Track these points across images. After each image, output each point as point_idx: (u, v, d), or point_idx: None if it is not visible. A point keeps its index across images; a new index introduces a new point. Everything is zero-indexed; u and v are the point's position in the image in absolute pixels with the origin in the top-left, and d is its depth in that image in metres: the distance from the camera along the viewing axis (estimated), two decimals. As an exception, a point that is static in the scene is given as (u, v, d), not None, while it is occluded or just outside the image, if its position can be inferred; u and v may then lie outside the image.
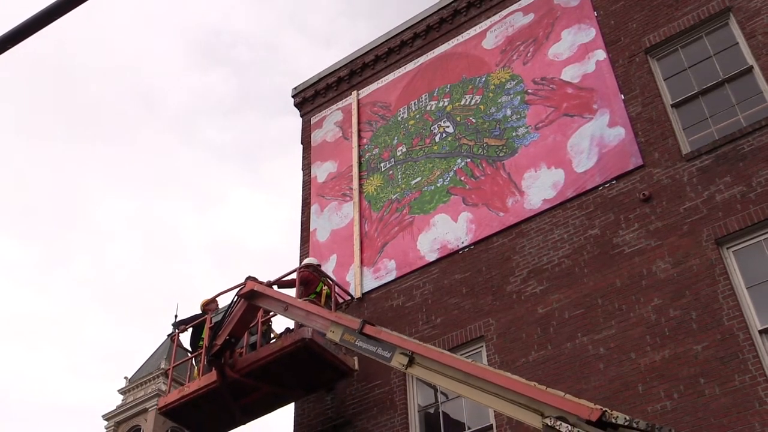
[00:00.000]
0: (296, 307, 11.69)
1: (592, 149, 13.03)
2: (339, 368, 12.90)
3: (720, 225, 11.12)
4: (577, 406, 6.93)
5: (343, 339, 10.38)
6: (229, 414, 13.37)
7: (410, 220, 14.64)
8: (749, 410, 9.59)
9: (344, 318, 10.77)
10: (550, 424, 7.05)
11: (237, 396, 12.93)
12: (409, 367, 9.15)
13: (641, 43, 13.55)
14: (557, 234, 12.65)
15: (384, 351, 9.57)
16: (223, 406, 13.12)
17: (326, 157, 17.02)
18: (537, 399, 7.34)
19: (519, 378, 7.82)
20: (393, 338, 9.60)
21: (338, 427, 13.04)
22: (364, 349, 9.96)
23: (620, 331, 11.15)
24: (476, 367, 8.32)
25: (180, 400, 13.16)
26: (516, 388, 7.61)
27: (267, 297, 12.19)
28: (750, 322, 10.27)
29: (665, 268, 11.26)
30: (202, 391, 12.85)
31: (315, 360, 12.55)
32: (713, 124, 12.26)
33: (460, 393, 8.61)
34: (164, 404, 13.45)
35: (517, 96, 14.63)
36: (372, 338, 9.86)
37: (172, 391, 13.56)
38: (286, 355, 12.39)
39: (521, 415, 7.54)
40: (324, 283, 13.61)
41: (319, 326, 11.08)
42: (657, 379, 10.43)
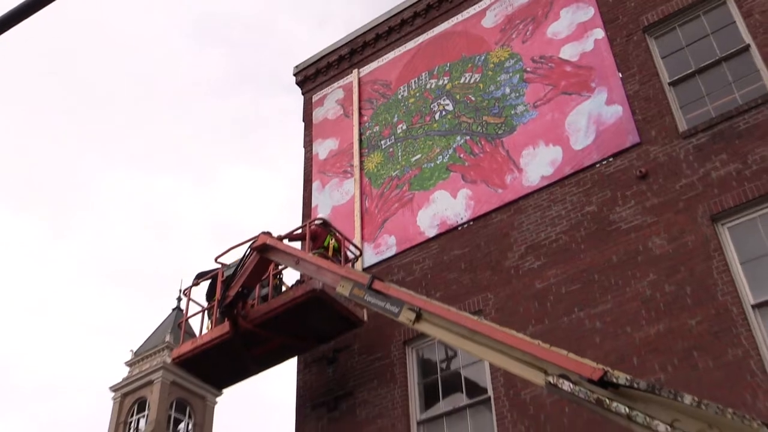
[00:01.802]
0: (307, 261, 11.82)
1: (590, 127, 13.06)
2: (349, 319, 13.06)
3: (715, 202, 11.17)
4: (579, 365, 6.96)
5: (353, 293, 10.47)
6: (241, 364, 13.56)
7: (410, 196, 14.68)
8: (741, 383, 9.69)
9: (354, 273, 10.87)
10: (552, 382, 7.09)
11: (249, 346, 13.05)
12: (416, 323, 9.20)
13: (639, 22, 13.54)
14: (555, 210, 12.70)
15: (392, 306, 9.63)
16: (235, 356, 13.26)
17: (327, 135, 17.03)
18: (541, 357, 7.35)
19: (523, 336, 7.83)
20: (401, 294, 9.64)
21: (339, 399, 13.13)
22: (373, 304, 10.04)
23: (616, 305, 11.22)
24: (481, 324, 8.34)
25: (193, 351, 13.26)
26: (520, 345, 7.63)
27: (279, 251, 12.33)
28: (743, 297, 10.34)
29: (661, 244, 11.32)
30: (214, 342, 12.97)
31: (325, 311, 12.67)
32: (710, 102, 12.28)
33: (465, 349, 8.65)
34: (177, 355, 13.55)
35: (516, 74, 14.63)
36: (380, 293, 9.92)
37: (185, 342, 13.65)
38: (297, 305, 12.51)
39: (525, 372, 7.56)
40: (332, 237, 13.67)
41: (329, 280, 11.22)
42: (652, 352, 10.51)
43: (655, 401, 6.33)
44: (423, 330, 9.31)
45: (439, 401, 12.36)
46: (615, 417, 6.55)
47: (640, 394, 6.44)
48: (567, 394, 6.96)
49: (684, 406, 6.11)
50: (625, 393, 6.55)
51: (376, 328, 13.40)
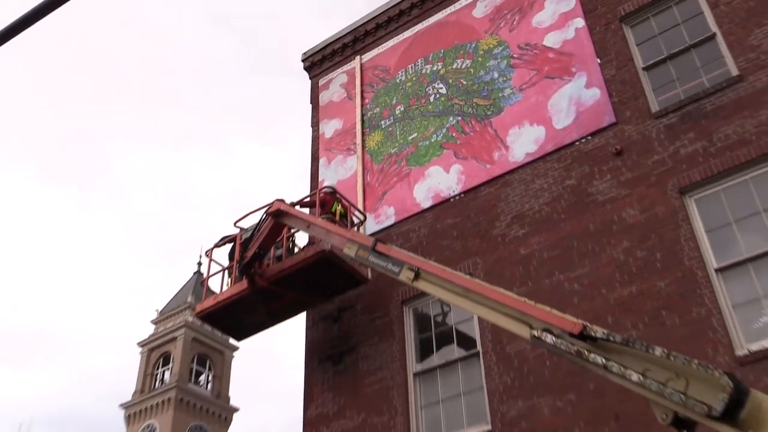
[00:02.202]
0: (317, 226, 11.90)
1: (570, 108, 13.01)
2: (355, 277, 13.17)
3: (683, 176, 11.15)
4: (561, 320, 6.96)
5: (358, 254, 10.49)
6: (258, 318, 13.67)
7: (407, 171, 14.66)
8: (704, 338, 9.74)
9: (359, 236, 10.93)
10: (536, 335, 7.08)
11: (265, 302, 13.16)
12: (414, 281, 9.18)
13: (616, 12, 13.46)
14: (538, 184, 12.68)
15: (393, 266, 9.62)
16: (252, 311, 13.38)
17: (332, 116, 16.99)
18: (526, 312, 7.33)
19: (511, 293, 7.82)
20: (401, 255, 9.65)
21: (344, 354, 13.19)
22: (376, 264, 10.05)
23: (593, 269, 11.25)
24: (474, 283, 8.32)
25: (215, 306, 13.37)
26: (509, 302, 7.61)
27: (291, 216, 12.42)
28: (707, 261, 10.36)
29: (634, 214, 11.32)
30: (234, 298, 13.09)
31: (333, 270, 12.79)
32: (680, 85, 12.24)
33: (459, 305, 8.62)
34: (201, 310, 13.67)
35: (504, 60, 14.56)
36: (383, 255, 9.91)
37: (207, 298, 13.73)
38: (308, 265, 12.60)
39: (512, 326, 7.53)
40: (339, 204, 13.72)
41: (336, 242, 11.24)
42: (625, 312, 10.55)
43: (629, 353, 6.33)
44: (421, 288, 9.27)
45: (433, 355, 12.41)
46: (593, 367, 6.56)
47: (616, 347, 6.45)
48: (550, 346, 6.96)
49: (654, 357, 6.11)
50: (602, 345, 6.56)
51: (377, 289, 13.44)
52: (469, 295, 8.27)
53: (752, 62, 11.46)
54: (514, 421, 10.76)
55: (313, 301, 13.69)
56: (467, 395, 11.65)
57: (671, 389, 5.87)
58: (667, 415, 5.93)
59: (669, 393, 5.86)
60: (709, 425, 5.64)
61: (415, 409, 11.98)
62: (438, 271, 8.92)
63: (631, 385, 6.19)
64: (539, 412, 10.60)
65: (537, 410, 10.64)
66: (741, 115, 11.11)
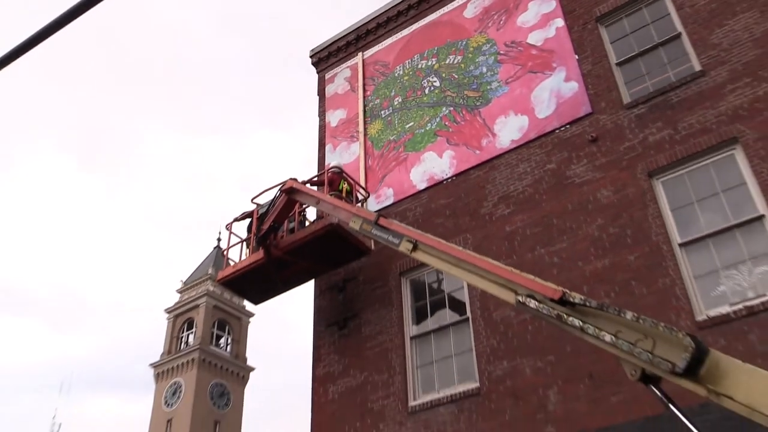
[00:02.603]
0: (326, 202, 11.95)
1: (551, 100, 13.01)
2: (359, 248, 13.24)
3: (651, 161, 11.18)
4: (543, 287, 6.99)
5: (362, 228, 10.50)
6: (272, 284, 13.75)
7: (405, 156, 14.67)
8: (668, 305, 9.81)
9: (363, 211, 10.93)
10: (521, 300, 7.11)
11: (279, 269, 13.26)
12: (413, 252, 9.18)
13: (593, 13, 13.41)
14: (522, 168, 12.70)
15: (393, 238, 9.63)
16: (267, 278, 13.46)
17: (337, 106, 16.97)
18: (513, 280, 7.33)
19: (499, 263, 7.83)
20: (401, 228, 9.65)
21: (348, 319, 13.27)
22: (378, 236, 10.05)
23: (570, 244, 11.30)
24: (465, 253, 8.31)
25: (234, 273, 13.46)
26: (496, 270, 7.61)
27: (303, 193, 12.46)
28: (672, 237, 10.41)
29: (607, 195, 11.35)
30: (251, 266, 13.18)
31: (340, 241, 12.86)
32: (649, 79, 12.22)
33: (452, 274, 8.58)
34: (222, 277, 13.76)
35: (491, 56, 14.52)
36: (384, 228, 9.93)
37: (227, 267, 13.81)
38: (318, 237, 12.68)
39: (499, 292, 7.54)
40: (345, 183, 13.78)
41: (343, 217, 11.26)
42: (598, 282, 10.61)
43: (603, 317, 6.38)
44: (418, 258, 9.24)
45: (428, 320, 12.48)
46: (570, 329, 6.60)
47: (591, 311, 6.49)
48: (533, 310, 6.99)
49: (625, 320, 6.16)
50: (579, 310, 6.59)
51: (377, 262, 13.49)
52: (461, 264, 8.28)
53: (713, 59, 11.45)
54: (499, 379, 10.85)
55: (321, 269, 13.74)
56: (458, 356, 11.72)
57: (640, 349, 5.94)
58: (636, 371, 6.00)
59: (638, 352, 5.93)
60: (673, 381, 5.72)
61: (411, 369, 12.07)
62: (434, 243, 8.93)
63: (605, 345, 6.25)
64: (522, 372, 10.69)
65: (520, 370, 10.73)
66: (703, 106, 11.11)
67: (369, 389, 12.22)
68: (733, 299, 9.53)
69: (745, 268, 9.68)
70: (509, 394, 10.62)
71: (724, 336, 9.09)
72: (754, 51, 11.11)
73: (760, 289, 9.40)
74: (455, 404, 11.07)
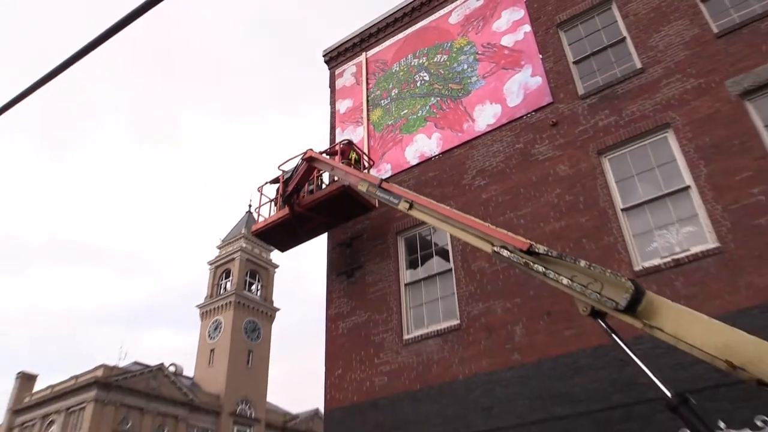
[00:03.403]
0: (339, 168, 11.92)
1: (520, 91, 12.91)
2: (366, 205, 13.27)
3: (600, 142, 11.14)
4: (514, 239, 7.01)
5: (368, 190, 10.51)
6: (296, 235, 13.81)
7: (400, 138, 14.60)
8: (612, 258, 9.87)
9: (369, 176, 10.91)
10: (496, 250, 7.14)
11: (301, 224, 13.33)
12: (409, 210, 9.19)
13: (554, 20, 13.25)
14: (495, 147, 12.66)
15: (394, 199, 9.63)
16: (292, 230, 13.54)
17: (345, 97, 16.84)
18: (489, 234, 7.37)
19: (479, 220, 7.85)
20: (400, 191, 9.65)
21: (355, 270, 13.33)
22: (381, 197, 10.03)
23: (534, 209, 11.31)
24: (451, 211, 8.31)
25: (265, 226, 13.53)
26: (476, 226, 7.63)
27: (320, 161, 12.49)
28: (616, 203, 10.43)
29: (565, 169, 11.33)
30: (279, 220, 13.27)
31: (350, 200, 12.89)
32: (599, 75, 12.12)
33: (441, 228, 8.57)
34: (255, 229, 13.82)
35: (471, 56, 14.38)
36: (386, 190, 9.94)
37: (259, 221, 13.91)
38: (333, 196, 12.75)
39: (479, 243, 7.56)
40: (354, 153, 13.78)
41: (353, 181, 11.28)
42: (557, 239, 10.65)
43: (562, 264, 6.43)
44: (414, 215, 9.22)
45: (419, 270, 12.55)
46: (535, 274, 6.64)
47: (552, 260, 6.53)
48: (505, 258, 7.02)
49: (580, 267, 6.21)
50: (543, 258, 6.64)
51: (378, 224, 13.51)
52: (447, 220, 8.29)
53: (651, 58, 11.36)
54: (476, 317, 10.95)
55: (335, 223, 13.76)
56: (443, 299, 11.81)
57: (590, 290, 6.00)
58: (587, 308, 6.08)
59: (589, 293, 5.99)
60: (616, 316, 5.80)
61: (405, 309, 12.17)
62: (426, 203, 8.94)
63: (562, 287, 6.30)
64: (494, 311, 10.79)
65: (492, 310, 10.82)
66: (643, 97, 11.05)
67: (371, 325, 12.33)
68: (663, 253, 9.58)
69: (674, 228, 9.72)
70: (484, 328, 10.72)
71: (655, 282, 9.16)
72: (684, 52, 11.02)
73: (685, 245, 9.46)
74: (441, 337, 11.18)
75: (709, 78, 10.49)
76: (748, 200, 9.07)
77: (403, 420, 10.77)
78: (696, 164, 9.83)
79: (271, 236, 13.92)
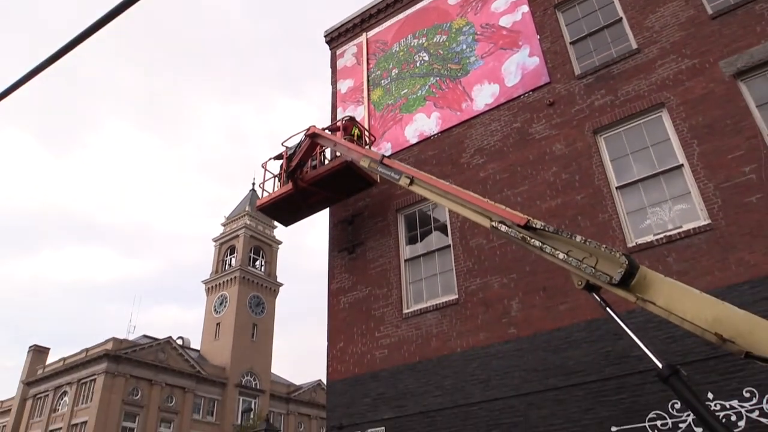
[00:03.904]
0: (341, 144, 11.89)
1: (517, 71, 12.81)
2: (368, 180, 13.21)
3: (596, 121, 11.08)
4: (512, 215, 6.99)
5: (370, 165, 10.47)
6: (299, 210, 13.80)
7: (400, 117, 14.52)
8: (606, 235, 9.87)
9: (371, 152, 10.88)
10: (494, 225, 7.12)
11: (304, 198, 13.32)
12: (410, 185, 9.12)
13: (552, 1, 13.10)
14: (493, 126, 12.59)
15: (395, 174, 9.56)
16: (295, 205, 13.52)
17: (346, 77, 16.71)
18: (488, 209, 7.33)
19: (477, 195, 7.79)
20: (401, 166, 9.59)
21: (356, 246, 13.34)
22: (383, 173, 9.97)
23: (531, 187, 11.29)
24: (451, 187, 8.25)
25: (270, 201, 13.53)
26: (475, 201, 7.59)
27: (323, 137, 12.45)
28: (611, 181, 10.40)
29: (561, 148, 11.29)
30: (283, 195, 13.27)
31: (352, 175, 12.84)
32: (595, 55, 12.02)
33: (440, 203, 8.49)
34: (260, 203, 13.80)
35: (470, 36, 14.24)
36: (387, 166, 9.88)
37: (264, 196, 13.87)
38: (335, 171, 12.71)
39: (477, 218, 7.51)
40: (356, 129, 13.71)
41: (355, 156, 11.22)
42: (553, 217, 10.64)
43: (558, 239, 6.42)
44: (414, 190, 9.13)
45: (418, 245, 12.57)
46: (532, 248, 6.64)
47: (549, 235, 6.53)
48: (503, 233, 7.01)
49: (575, 242, 6.21)
50: (540, 233, 6.63)
51: (378, 201, 13.50)
52: (447, 196, 8.23)
53: (647, 39, 11.25)
54: (473, 292, 10.99)
55: (338, 197, 13.71)
56: (441, 275, 11.84)
57: (586, 264, 6.01)
58: (582, 282, 6.09)
59: (584, 267, 6.00)
60: (610, 290, 5.82)
61: (405, 284, 12.21)
62: (426, 178, 8.87)
63: (559, 261, 6.30)
64: (491, 286, 10.82)
65: (489, 285, 10.86)
66: (638, 77, 10.97)
67: (372, 300, 12.38)
68: (656, 230, 9.59)
69: (667, 206, 9.71)
70: (481, 303, 10.77)
71: (648, 259, 9.18)
72: (679, 33, 10.91)
73: (677, 222, 9.46)
74: (439, 311, 11.24)
75: (703, 58, 10.40)
76: (739, 178, 9.06)
77: (402, 391, 10.88)
78: (689, 143, 9.79)
79: (275, 211, 13.88)
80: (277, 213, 14.03)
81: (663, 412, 8.13)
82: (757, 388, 7.62)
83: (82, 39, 4.89)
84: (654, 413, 8.18)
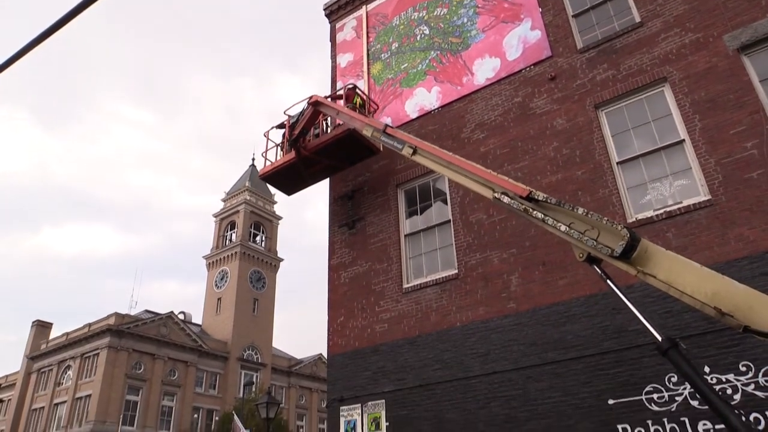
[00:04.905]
0: (344, 113, 11.79)
1: (519, 45, 12.66)
2: (371, 149, 13.15)
3: (598, 95, 10.98)
4: (514, 186, 6.93)
5: (373, 135, 10.37)
6: (302, 178, 13.77)
7: (400, 91, 14.39)
8: (607, 210, 9.84)
9: (374, 121, 10.77)
10: (497, 197, 7.05)
11: (307, 167, 13.28)
12: (413, 155, 8.98)
13: (554, -27, 12.90)
14: (494, 101, 12.49)
15: (398, 144, 9.46)
16: (298, 173, 13.49)
17: (346, 51, 16.53)
18: (491, 180, 7.24)
19: (480, 166, 7.71)
20: (404, 136, 9.47)
21: (356, 221, 13.33)
22: (386, 142, 9.85)
23: (531, 162, 11.23)
24: (454, 157, 8.14)
25: (273, 169, 13.49)
26: (478, 172, 7.50)
27: (326, 105, 12.37)
28: (611, 157, 10.34)
29: (562, 123, 11.20)
30: (285, 164, 13.22)
31: (355, 143, 12.78)
32: (598, 28, 11.86)
33: (443, 173, 8.35)
34: (263, 172, 13.76)
35: (471, 9, 14.04)
36: (390, 135, 9.78)
37: (267, 165, 13.81)
38: (338, 140, 12.64)
39: (480, 189, 7.42)
40: (359, 97, 13.62)
41: (358, 125, 11.10)
42: (554, 192, 10.59)
43: (560, 211, 6.36)
44: (417, 160, 8.97)
45: (418, 220, 12.55)
46: (534, 220, 6.58)
47: (551, 206, 6.47)
48: (505, 204, 6.95)
49: (577, 214, 6.17)
50: (542, 205, 6.57)
51: (378, 176, 13.45)
52: (450, 166, 8.10)
53: (650, 12, 11.09)
54: (473, 267, 11.01)
55: (341, 166, 13.63)
56: (441, 250, 11.85)
57: (587, 237, 5.97)
58: (583, 254, 6.05)
59: (585, 240, 5.97)
60: (611, 262, 5.80)
61: (405, 259, 12.23)
62: (429, 148, 8.72)
63: (560, 233, 6.26)
64: (491, 262, 10.84)
65: (489, 260, 10.87)
66: (641, 51, 10.83)
67: (372, 275, 12.41)
68: (656, 206, 9.56)
69: (667, 181, 9.67)
70: (481, 278, 10.79)
71: (648, 234, 9.16)
72: (683, 6, 10.75)
73: (677, 197, 9.43)
74: (439, 286, 11.27)
75: (707, 32, 10.26)
76: (740, 154, 9.00)
77: (402, 365, 10.96)
78: (691, 118, 9.71)
79: (277, 179, 13.83)
80: (279, 182, 13.96)
81: (659, 385, 8.20)
82: (753, 362, 7.67)
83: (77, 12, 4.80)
84: (651, 386, 8.25)
